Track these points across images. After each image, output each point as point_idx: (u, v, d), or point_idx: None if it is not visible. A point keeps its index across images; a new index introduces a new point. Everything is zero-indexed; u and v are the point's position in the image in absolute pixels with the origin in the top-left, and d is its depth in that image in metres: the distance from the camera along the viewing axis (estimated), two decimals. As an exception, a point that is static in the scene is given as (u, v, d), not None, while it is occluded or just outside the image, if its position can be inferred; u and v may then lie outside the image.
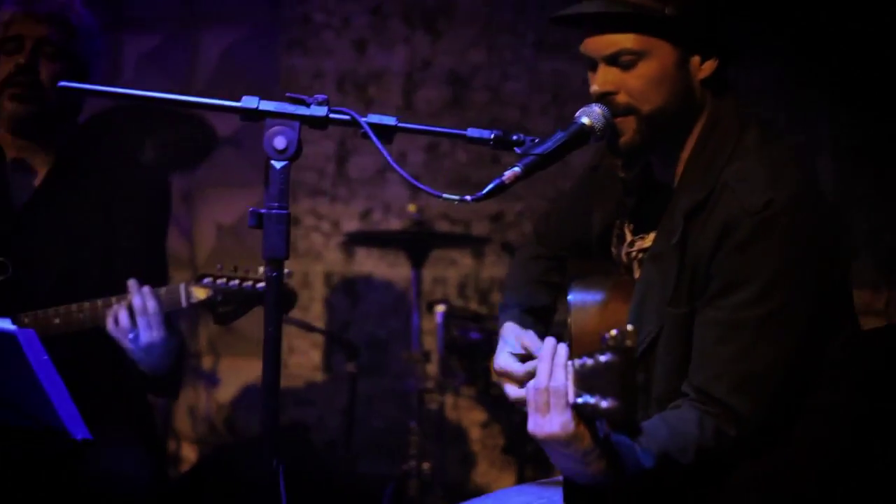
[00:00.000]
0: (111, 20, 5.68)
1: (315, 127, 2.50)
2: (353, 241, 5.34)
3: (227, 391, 5.57)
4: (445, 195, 2.48)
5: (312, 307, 5.53)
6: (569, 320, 2.73)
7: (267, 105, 2.48)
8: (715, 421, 2.41)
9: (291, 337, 5.46)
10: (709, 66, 2.55)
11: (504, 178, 2.47)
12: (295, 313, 5.42)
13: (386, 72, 5.50)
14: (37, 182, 3.58)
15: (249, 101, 2.49)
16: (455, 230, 5.39)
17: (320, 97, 2.51)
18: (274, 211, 2.46)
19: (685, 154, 2.58)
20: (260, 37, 5.62)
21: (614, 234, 2.78)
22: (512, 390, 2.73)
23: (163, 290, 3.35)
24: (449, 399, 5.12)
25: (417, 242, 4.79)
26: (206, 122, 5.27)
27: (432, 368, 4.73)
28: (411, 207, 4.86)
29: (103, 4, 5.53)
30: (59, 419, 2.64)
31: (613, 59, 2.52)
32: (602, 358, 2.12)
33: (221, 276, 3.35)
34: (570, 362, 2.24)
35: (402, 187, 5.46)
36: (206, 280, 3.34)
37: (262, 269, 3.32)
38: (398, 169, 2.46)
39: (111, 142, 3.83)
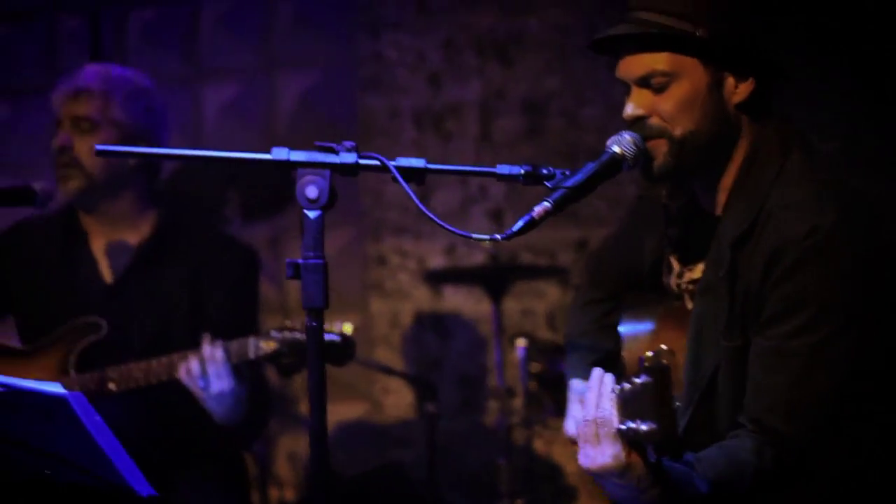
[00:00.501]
0: (190, 72, 5.78)
1: (346, 174, 2.48)
2: (432, 279, 5.33)
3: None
4: (475, 235, 2.44)
5: (403, 346, 5.52)
6: (622, 353, 2.70)
7: (297, 155, 2.46)
8: (773, 450, 2.38)
9: (386, 378, 5.45)
10: (744, 89, 2.51)
11: (534, 213, 2.45)
12: (386, 352, 5.46)
13: (462, 104, 5.49)
14: (129, 258, 3.76)
15: (280, 153, 2.47)
16: (539, 261, 5.34)
17: (348, 144, 2.49)
18: (310, 261, 2.45)
19: (727, 182, 2.55)
20: (336, 79, 5.65)
21: (664, 265, 2.73)
22: None
23: (233, 343, 3.44)
24: (541, 433, 5.07)
25: (494, 277, 4.76)
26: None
27: (519, 403, 4.68)
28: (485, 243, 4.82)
29: (181, 58, 5.66)
30: (122, 477, 2.66)
31: (646, 82, 2.50)
32: (639, 380, 2.11)
33: (288, 329, 3.43)
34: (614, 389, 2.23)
35: (485, 220, 5.43)
36: (274, 333, 3.45)
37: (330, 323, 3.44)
38: (425, 210, 2.50)
39: (202, 218, 4.04)
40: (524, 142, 5.36)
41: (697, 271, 2.61)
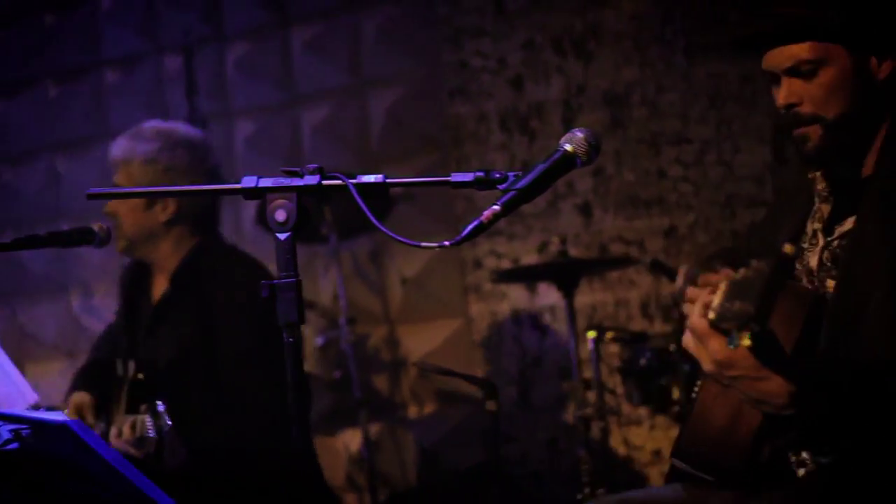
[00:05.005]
0: (286, 98, 6.02)
1: (311, 195, 2.60)
2: (503, 279, 5.42)
3: (432, 435, 5.73)
4: (424, 244, 2.53)
5: (503, 345, 5.62)
6: None
7: (265, 181, 2.58)
8: None
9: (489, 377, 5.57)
10: (887, 67, 2.59)
11: (482, 217, 2.50)
12: (487, 352, 5.57)
13: (544, 103, 5.56)
14: (163, 287, 3.99)
15: (249, 181, 2.60)
16: (630, 251, 5.37)
17: (312, 166, 2.60)
18: (284, 280, 2.57)
19: (875, 147, 2.62)
20: (423, 90, 5.80)
21: (805, 243, 2.76)
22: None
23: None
24: (618, 422, 5.15)
25: (564, 272, 4.83)
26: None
27: (604, 394, 4.75)
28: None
29: (276, 85, 5.89)
30: (146, 494, 2.84)
31: (794, 71, 2.60)
32: (754, 265, 2.11)
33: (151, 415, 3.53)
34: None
35: (575, 214, 5.49)
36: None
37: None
38: (376, 223, 2.55)
39: (217, 264, 3.98)
40: (608, 134, 5.39)
41: (848, 224, 2.64)
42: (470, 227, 2.51)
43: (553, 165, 2.55)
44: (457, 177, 2.60)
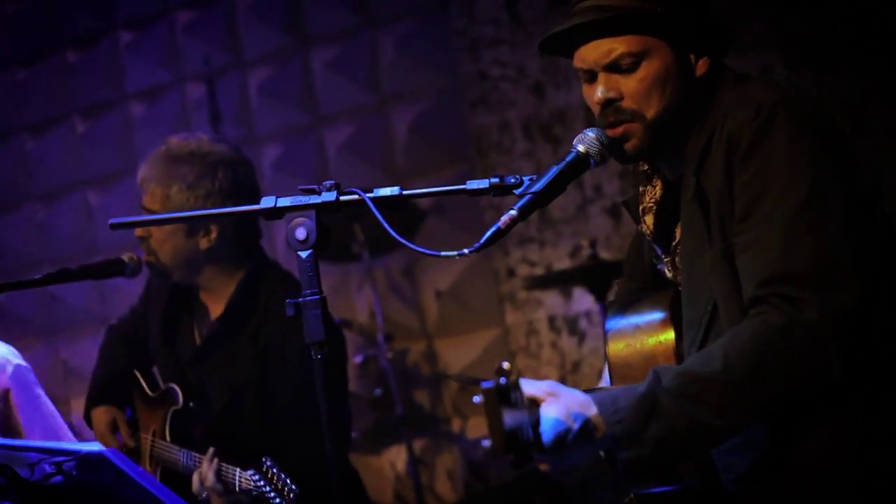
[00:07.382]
0: (309, 119, 6.05)
1: (329, 212, 2.59)
2: (536, 286, 5.41)
3: (477, 447, 5.71)
4: (444, 253, 2.51)
5: (542, 353, 5.61)
6: (606, 349, 2.69)
7: (283, 201, 2.58)
8: (754, 320, 2.28)
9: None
10: (703, 64, 2.50)
11: (500, 223, 2.49)
12: (526, 361, 5.56)
13: (566, 109, 5.55)
14: (209, 327, 3.79)
15: (267, 201, 2.60)
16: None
17: (328, 183, 2.60)
18: (308, 298, 2.55)
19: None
20: (444, 103, 5.81)
21: (653, 256, 2.74)
22: None
23: (226, 469, 3.44)
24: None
25: (596, 275, 4.82)
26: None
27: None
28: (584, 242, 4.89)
29: (298, 107, 5.92)
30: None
31: (614, 66, 2.47)
32: (476, 400, 2.13)
33: (264, 477, 3.33)
34: None
35: (604, 217, 5.47)
36: (253, 476, 3.34)
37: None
38: (394, 234, 2.52)
39: (280, 289, 3.68)
40: (632, 136, 5.36)
41: (678, 233, 2.58)
42: (488, 232, 2.51)
43: (566, 167, 2.53)
44: (472, 184, 2.59)
